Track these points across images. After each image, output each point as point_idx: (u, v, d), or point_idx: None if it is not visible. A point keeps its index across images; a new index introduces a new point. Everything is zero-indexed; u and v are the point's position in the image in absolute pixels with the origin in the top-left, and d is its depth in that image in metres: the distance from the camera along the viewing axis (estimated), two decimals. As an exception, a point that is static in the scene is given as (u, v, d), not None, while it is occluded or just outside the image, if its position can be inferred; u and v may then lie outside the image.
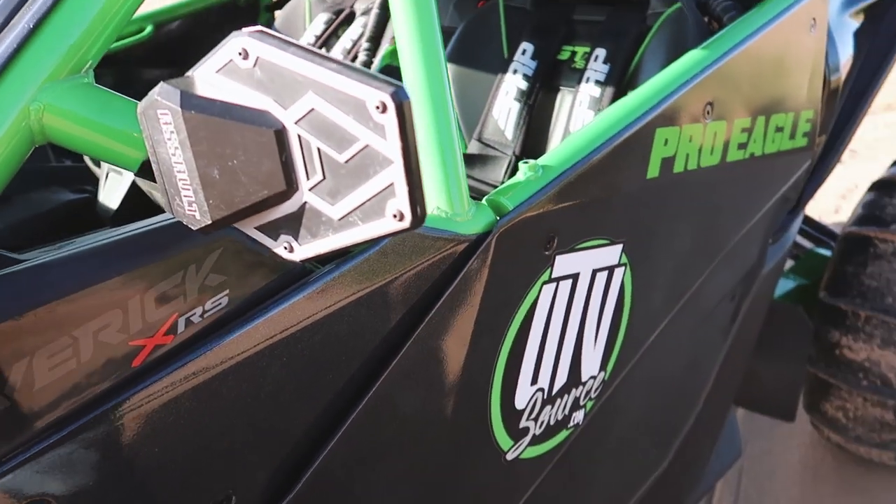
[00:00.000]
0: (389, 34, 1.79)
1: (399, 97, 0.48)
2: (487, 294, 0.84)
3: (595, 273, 0.99)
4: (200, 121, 0.51)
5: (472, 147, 1.44)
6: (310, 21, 1.97)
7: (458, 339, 0.84)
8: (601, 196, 0.97)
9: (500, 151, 1.41)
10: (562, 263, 0.93)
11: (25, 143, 0.60)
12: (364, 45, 1.78)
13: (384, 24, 1.80)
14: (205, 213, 0.54)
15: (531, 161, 0.89)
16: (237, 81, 0.52)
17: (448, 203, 0.80)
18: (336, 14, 1.93)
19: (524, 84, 1.42)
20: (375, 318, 0.76)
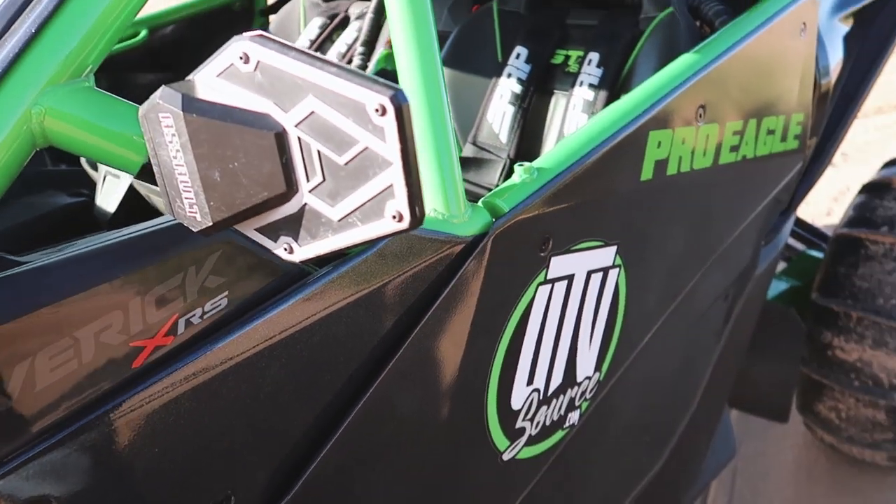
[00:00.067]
0: (384, 38, 1.80)
1: (398, 100, 0.49)
2: (484, 295, 0.85)
3: (590, 274, 1.00)
4: (202, 124, 0.52)
5: (467, 150, 1.45)
6: (304, 25, 1.97)
7: (455, 340, 0.84)
8: (596, 198, 0.98)
9: (495, 154, 1.42)
10: (557, 265, 0.94)
11: (27, 147, 0.60)
12: (359, 50, 1.79)
13: (379, 29, 1.81)
14: (206, 215, 0.55)
15: (526, 164, 0.90)
16: (238, 85, 0.53)
17: (445, 205, 0.80)
18: (331, 18, 1.94)
19: (518, 88, 1.43)
20: (373, 320, 0.77)
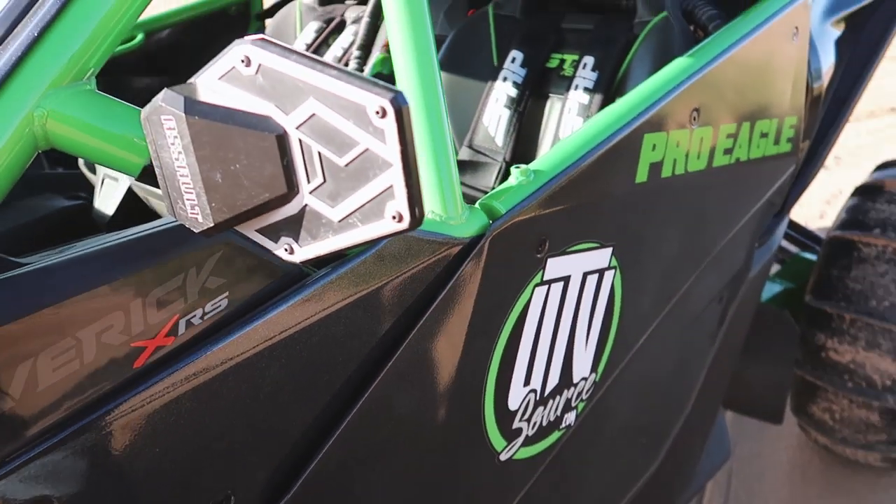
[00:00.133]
0: (380, 42, 1.81)
1: (398, 102, 0.50)
2: (481, 296, 0.85)
3: (586, 276, 1.01)
4: (204, 126, 0.53)
5: (463, 154, 1.46)
6: (300, 30, 1.98)
7: (453, 340, 0.85)
8: (591, 200, 0.98)
9: (491, 158, 1.43)
10: (553, 266, 0.95)
11: (29, 149, 0.61)
12: (355, 54, 1.80)
13: (375, 33, 1.82)
14: (207, 216, 0.56)
15: (523, 166, 0.91)
16: (239, 88, 0.54)
17: (442, 207, 0.81)
18: (327, 23, 1.95)
19: (514, 91, 1.44)
20: (371, 320, 0.78)
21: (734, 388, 1.72)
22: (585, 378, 1.08)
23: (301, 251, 0.57)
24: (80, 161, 1.21)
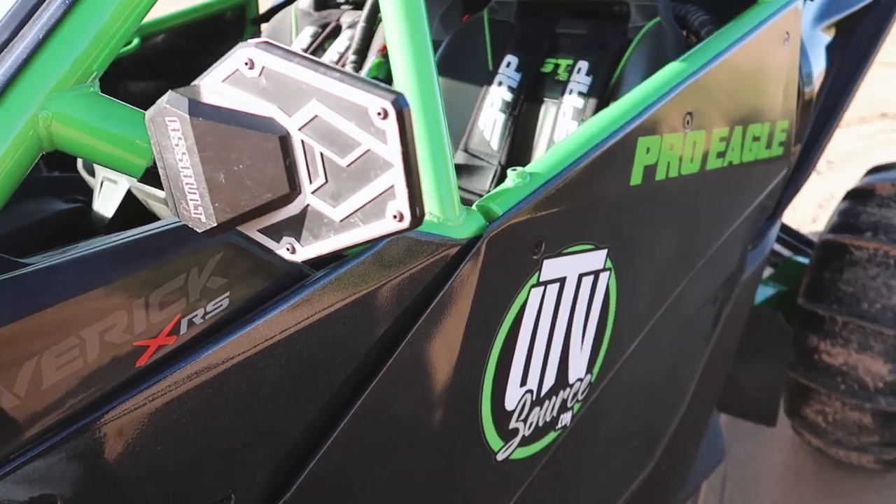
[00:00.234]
0: (376, 47, 1.82)
1: (400, 104, 0.51)
2: (478, 297, 0.86)
3: (581, 277, 1.02)
4: (208, 127, 0.54)
5: (459, 157, 1.47)
6: (296, 34, 1.99)
7: (451, 341, 0.86)
8: (586, 202, 1.00)
9: (486, 161, 1.44)
10: (549, 267, 0.96)
11: (34, 150, 0.61)
12: (350, 58, 1.81)
13: (370, 38, 1.83)
14: (210, 216, 0.56)
15: (519, 168, 0.92)
16: (243, 90, 0.55)
17: (440, 208, 0.82)
18: (322, 27, 1.96)
19: (509, 96, 1.45)
20: (370, 321, 0.78)
21: (728, 391, 1.74)
22: (581, 379, 1.09)
23: (303, 251, 0.58)
24: (79, 164, 1.22)
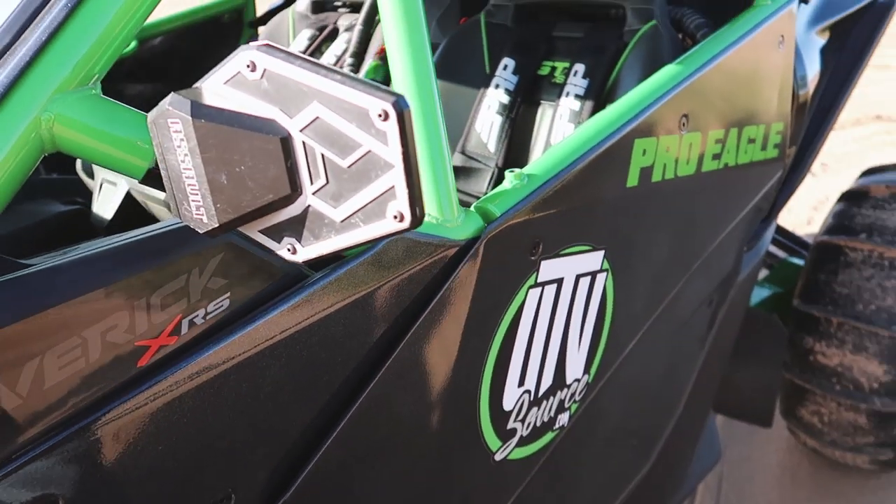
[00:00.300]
0: (373, 50, 1.83)
1: (400, 106, 0.51)
2: (476, 297, 0.87)
3: (578, 278, 1.02)
4: (210, 129, 0.54)
5: (456, 159, 1.48)
6: (293, 37, 2.00)
7: (449, 341, 0.86)
8: (584, 204, 1.00)
9: (483, 164, 1.45)
10: (547, 268, 0.97)
11: (36, 152, 0.62)
12: (348, 61, 1.81)
13: (367, 41, 1.84)
14: (212, 217, 0.57)
15: (517, 170, 0.93)
16: (245, 92, 0.55)
17: (438, 209, 0.83)
18: (319, 30, 1.96)
19: (506, 98, 1.46)
20: (370, 321, 0.79)
21: (724, 392, 1.74)
22: (578, 379, 1.09)
23: (303, 251, 0.59)
24: (78, 166, 1.22)
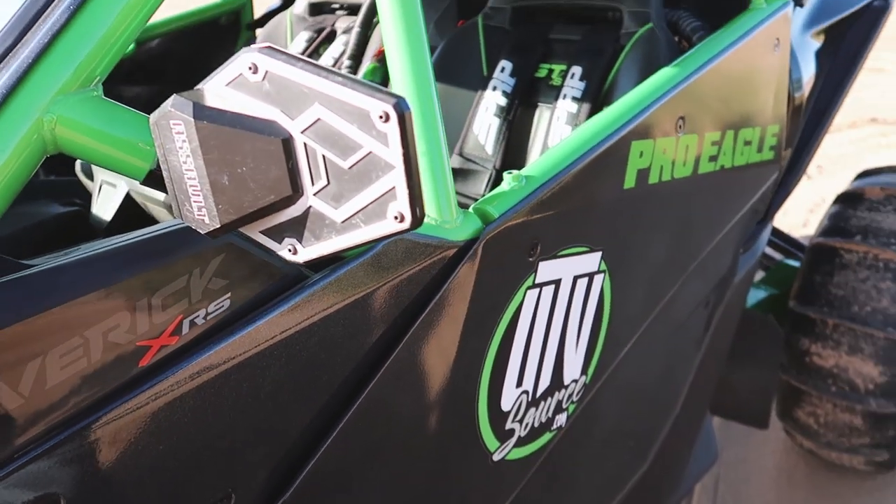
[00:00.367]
0: (370, 52, 1.83)
1: (401, 108, 0.52)
2: (475, 298, 0.87)
3: (576, 279, 1.03)
4: (212, 130, 0.55)
5: (454, 161, 1.48)
6: (291, 39, 2.00)
7: (448, 341, 0.87)
8: (581, 205, 1.01)
9: (481, 165, 1.46)
10: (545, 269, 0.97)
11: (38, 153, 0.62)
12: (345, 63, 1.82)
13: (365, 43, 1.84)
14: (214, 218, 0.57)
15: (515, 172, 0.93)
16: (246, 94, 0.56)
17: (437, 211, 0.83)
18: (317, 32, 1.97)
19: (503, 100, 1.46)
20: (369, 322, 0.79)
21: (721, 394, 1.75)
22: (576, 380, 1.10)
23: (304, 251, 0.59)
24: (77, 167, 1.22)
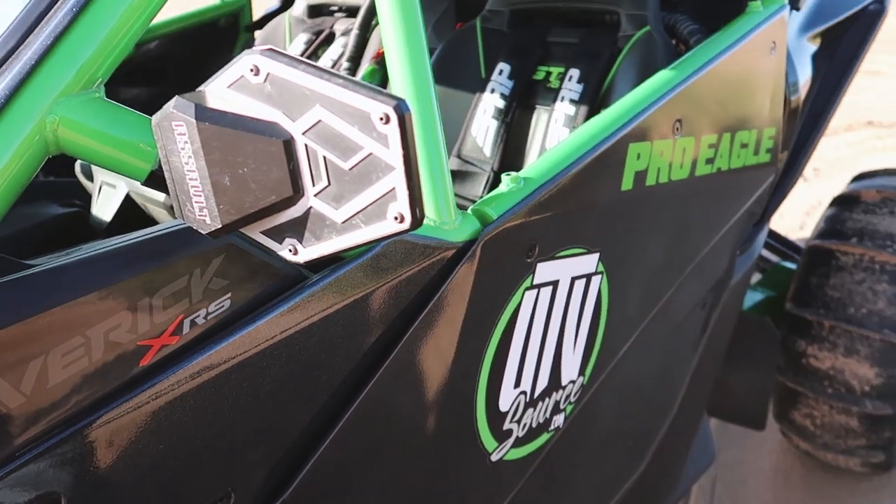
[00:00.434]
0: (369, 54, 1.84)
1: (401, 109, 0.53)
2: (473, 299, 0.88)
3: (574, 280, 1.04)
4: (214, 132, 0.55)
5: (452, 163, 1.49)
6: (290, 41, 2.01)
7: (447, 342, 0.87)
8: (579, 207, 1.02)
9: (479, 167, 1.46)
10: (543, 271, 0.98)
11: (41, 154, 0.63)
12: (344, 65, 1.82)
13: (364, 45, 1.85)
14: (215, 218, 0.58)
15: (513, 173, 0.94)
16: (248, 96, 0.56)
17: (436, 212, 0.84)
18: (316, 35, 1.97)
19: (501, 103, 1.47)
20: (368, 322, 0.80)
21: (718, 395, 1.76)
22: (573, 381, 1.10)
23: (305, 252, 0.60)
24: (77, 168, 1.23)
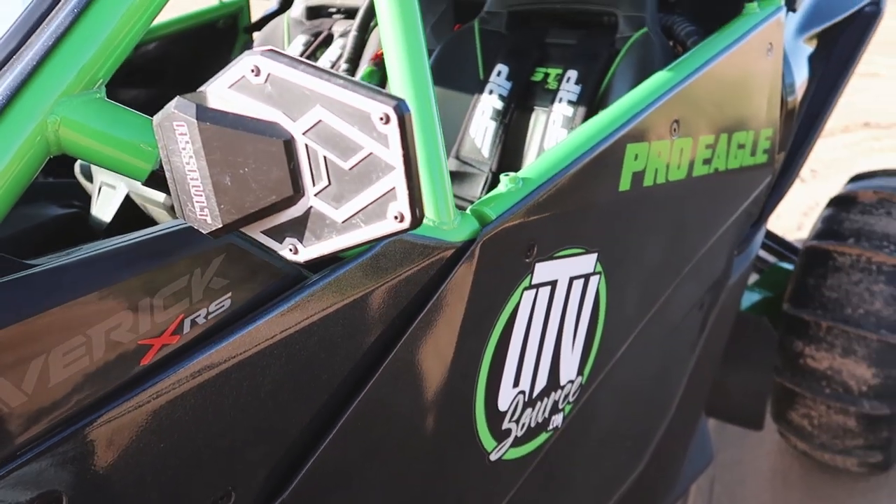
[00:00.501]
0: (367, 55, 1.84)
1: (401, 110, 0.53)
2: (472, 298, 0.88)
3: (572, 280, 1.04)
4: (215, 132, 0.56)
5: (450, 164, 1.49)
6: (288, 42, 2.01)
7: (445, 342, 0.88)
8: (577, 207, 1.02)
9: (478, 168, 1.47)
10: (541, 271, 0.98)
11: (41, 154, 0.63)
12: (342, 67, 1.83)
13: (362, 47, 1.85)
14: (216, 218, 0.58)
15: (512, 174, 0.94)
16: (249, 96, 0.56)
17: (435, 212, 0.84)
18: (314, 36, 1.98)
19: (500, 104, 1.47)
20: (368, 322, 0.80)
21: (715, 396, 1.76)
22: (572, 381, 1.11)
23: (305, 251, 0.60)
24: (77, 169, 1.23)
